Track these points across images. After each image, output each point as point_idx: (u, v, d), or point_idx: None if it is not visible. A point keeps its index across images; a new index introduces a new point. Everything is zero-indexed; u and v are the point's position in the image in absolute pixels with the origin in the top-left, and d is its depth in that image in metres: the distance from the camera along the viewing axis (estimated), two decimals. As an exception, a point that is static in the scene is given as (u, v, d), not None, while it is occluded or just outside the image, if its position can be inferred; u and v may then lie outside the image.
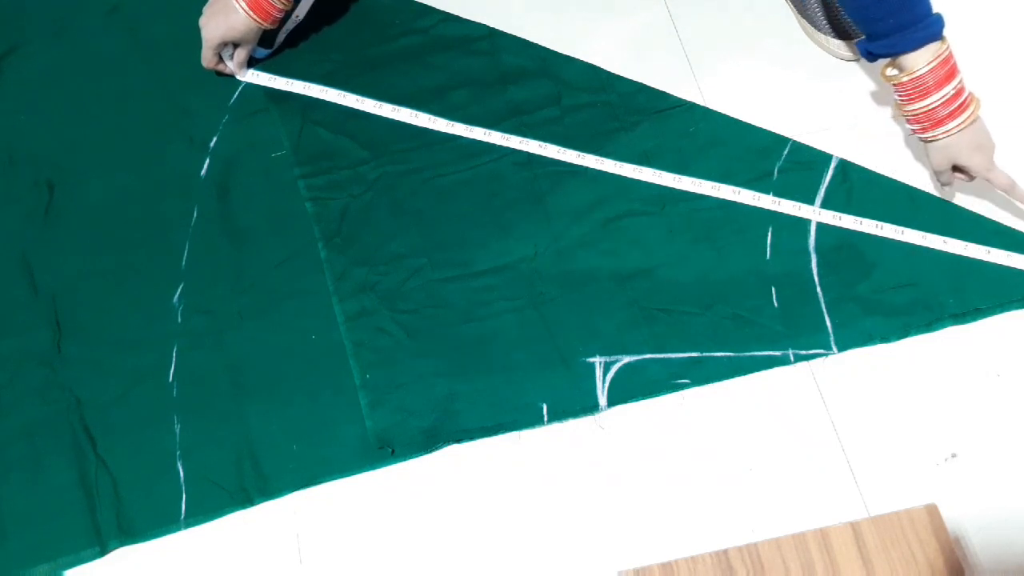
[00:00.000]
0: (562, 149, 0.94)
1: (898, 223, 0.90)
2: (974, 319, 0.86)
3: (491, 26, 1.03)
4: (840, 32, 0.99)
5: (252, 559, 0.79)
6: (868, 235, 0.90)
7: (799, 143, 0.95)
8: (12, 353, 0.88)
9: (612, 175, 0.94)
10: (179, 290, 0.91)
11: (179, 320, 0.89)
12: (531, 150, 0.95)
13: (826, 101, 0.99)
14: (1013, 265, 0.88)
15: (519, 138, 0.95)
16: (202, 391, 0.86)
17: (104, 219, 0.94)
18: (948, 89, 0.84)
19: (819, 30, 1.01)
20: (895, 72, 0.86)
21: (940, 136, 0.85)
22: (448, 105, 0.99)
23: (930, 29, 0.83)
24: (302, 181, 0.96)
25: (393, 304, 0.89)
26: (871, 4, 0.83)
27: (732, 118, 0.97)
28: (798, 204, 0.91)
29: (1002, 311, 0.86)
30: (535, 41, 1.02)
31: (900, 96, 0.87)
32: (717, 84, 1.00)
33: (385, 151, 0.97)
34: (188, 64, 1.02)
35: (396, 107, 0.98)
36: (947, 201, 0.92)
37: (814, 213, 0.90)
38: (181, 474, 0.82)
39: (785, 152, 0.95)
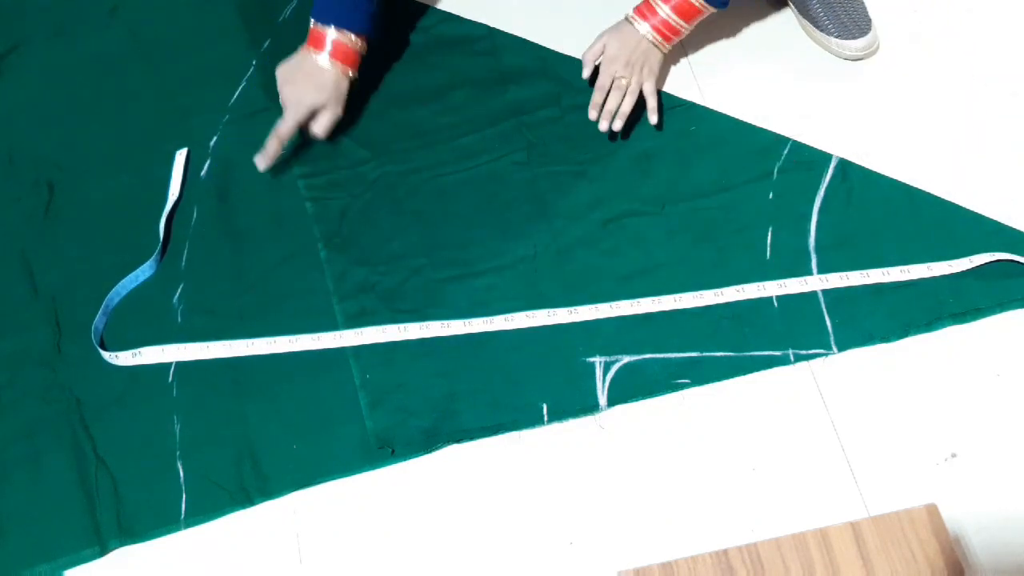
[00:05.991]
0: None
1: (898, 223, 0.90)
2: (974, 319, 0.86)
3: (491, 26, 1.03)
4: (842, 31, 0.99)
5: (252, 559, 0.79)
6: (868, 235, 0.90)
7: (799, 143, 0.95)
8: (12, 353, 0.88)
9: (612, 175, 0.94)
10: (179, 290, 0.91)
11: (179, 320, 0.89)
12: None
13: (826, 101, 0.99)
14: (1013, 261, 0.88)
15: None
16: (202, 391, 0.86)
17: (104, 219, 0.94)
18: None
19: (820, 30, 1.00)
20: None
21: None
22: (448, 105, 0.99)
23: None
24: (302, 181, 0.96)
25: (393, 304, 0.89)
26: None
27: (732, 118, 0.97)
28: (803, 279, 0.88)
29: (1002, 311, 0.86)
30: (535, 41, 1.02)
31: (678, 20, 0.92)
32: (717, 84, 1.00)
33: (385, 151, 0.97)
34: (188, 64, 1.02)
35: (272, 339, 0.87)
36: (947, 201, 0.92)
37: (820, 282, 0.88)
38: (181, 474, 0.82)
39: (785, 152, 0.95)
